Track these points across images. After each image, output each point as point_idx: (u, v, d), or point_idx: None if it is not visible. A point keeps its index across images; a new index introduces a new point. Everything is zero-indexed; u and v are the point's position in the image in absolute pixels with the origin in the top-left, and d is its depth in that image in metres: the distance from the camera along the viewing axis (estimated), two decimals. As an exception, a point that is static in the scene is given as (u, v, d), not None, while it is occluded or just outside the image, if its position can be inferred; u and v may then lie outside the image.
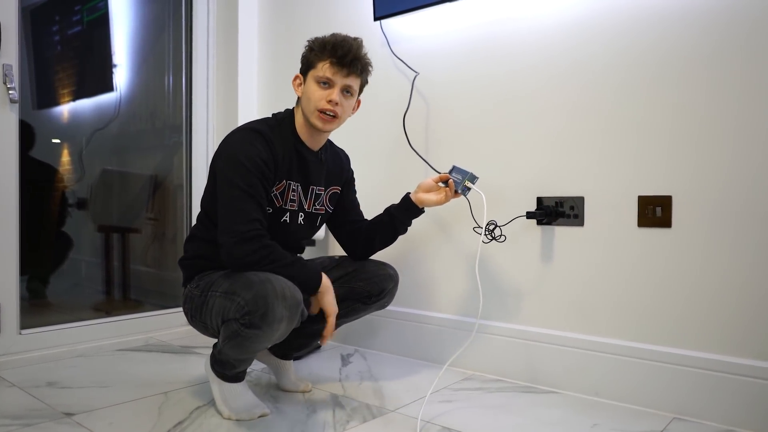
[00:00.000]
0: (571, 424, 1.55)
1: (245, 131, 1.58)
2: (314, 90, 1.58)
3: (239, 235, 1.45)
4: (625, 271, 1.72)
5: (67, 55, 2.84)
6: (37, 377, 1.91)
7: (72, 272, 2.79)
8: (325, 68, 1.56)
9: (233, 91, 2.67)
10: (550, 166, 1.86)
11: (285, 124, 1.65)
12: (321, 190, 1.72)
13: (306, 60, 1.62)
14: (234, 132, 1.60)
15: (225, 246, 1.47)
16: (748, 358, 1.52)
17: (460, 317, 2.06)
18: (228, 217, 1.48)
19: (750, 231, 1.52)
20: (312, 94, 1.58)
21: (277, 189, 1.60)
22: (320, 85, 1.58)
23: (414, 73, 2.15)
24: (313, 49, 1.60)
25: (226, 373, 1.58)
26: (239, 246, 1.45)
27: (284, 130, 1.64)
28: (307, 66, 1.62)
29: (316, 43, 1.60)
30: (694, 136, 1.60)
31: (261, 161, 1.52)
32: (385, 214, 1.81)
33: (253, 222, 1.47)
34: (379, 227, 1.80)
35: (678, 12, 1.62)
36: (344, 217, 1.83)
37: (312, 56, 1.60)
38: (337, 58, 1.55)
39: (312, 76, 1.59)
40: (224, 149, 1.57)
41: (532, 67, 1.89)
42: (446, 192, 1.72)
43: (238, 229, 1.45)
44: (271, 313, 1.36)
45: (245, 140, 1.55)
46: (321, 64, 1.57)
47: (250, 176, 1.49)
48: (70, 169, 2.73)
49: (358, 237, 1.82)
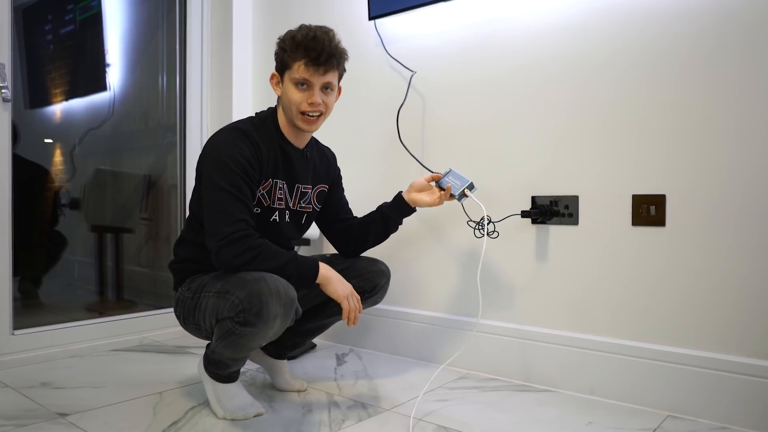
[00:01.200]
0: (566, 423, 1.55)
1: (228, 131, 1.57)
2: (293, 92, 1.55)
3: (225, 237, 1.43)
4: (620, 270, 1.72)
5: (60, 55, 2.82)
6: (31, 378, 1.90)
7: (65, 272, 2.78)
8: (301, 69, 1.53)
9: (227, 91, 2.66)
10: (544, 165, 1.87)
11: (268, 123, 1.64)
12: (308, 188, 1.71)
13: (280, 59, 1.58)
14: (217, 133, 1.59)
15: (213, 249, 1.45)
16: (741, 356, 1.53)
17: (454, 316, 2.07)
18: (213, 219, 1.46)
19: (744, 230, 1.53)
20: (291, 96, 1.56)
21: (263, 188, 1.58)
22: (298, 87, 1.55)
23: (410, 72, 2.15)
24: (286, 50, 1.55)
25: (220, 374, 1.57)
26: (226, 248, 1.43)
27: (268, 129, 1.62)
28: (282, 66, 1.58)
29: (287, 42, 1.55)
30: (688, 136, 1.61)
31: (245, 160, 1.50)
32: (377, 212, 1.81)
33: (238, 222, 1.45)
34: (371, 225, 1.79)
35: (672, 12, 1.62)
36: (334, 216, 1.83)
37: (285, 57, 1.55)
38: (312, 59, 1.51)
39: (288, 77, 1.56)
40: (208, 151, 1.56)
41: (527, 66, 1.90)
42: (441, 194, 1.72)
43: (224, 231, 1.43)
44: (266, 310, 1.36)
45: (228, 140, 1.53)
46: (296, 65, 1.53)
47: (234, 176, 1.48)
48: (62, 168, 2.72)
49: (348, 235, 1.81)
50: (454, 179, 1.72)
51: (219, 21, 2.71)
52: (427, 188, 1.76)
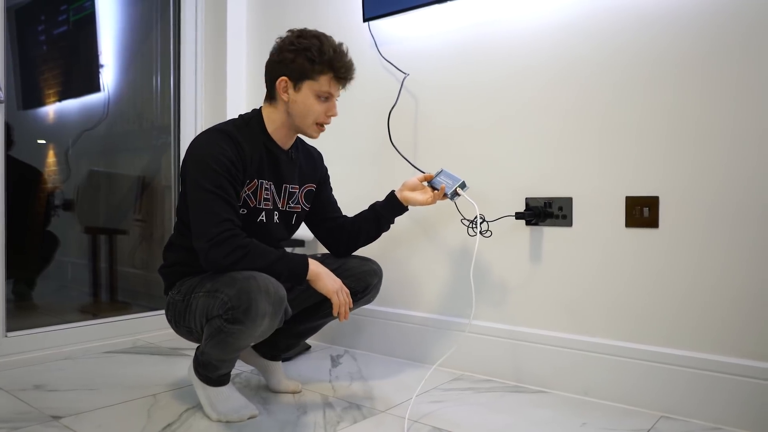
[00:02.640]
0: (560, 423, 1.56)
1: (210, 133, 1.57)
2: (314, 104, 1.58)
3: (213, 237, 1.43)
4: (614, 271, 1.73)
5: (53, 55, 2.81)
6: (24, 380, 1.89)
7: (58, 274, 2.77)
8: (330, 83, 1.58)
9: (222, 92, 2.66)
10: (538, 167, 1.87)
11: (253, 123, 1.63)
12: (295, 188, 1.71)
13: (302, 69, 1.55)
14: (199, 135, 1.59)
15: (201, 251, 1.45)
16: (735, 357, 1.54)
17: (448, 317, 2.07)
18: (199, 221, 1.46)
19: (737, 231, 1.54)
20: (311, 107, 1.58)
21: (248, 188, 1.58)
22: (319, 99, 1.58)
23: (403, 74, 2.16)
24: (313, 60, 1.54)
25: (210, 377, 1.57)
26: (215, 249, 1.43)
27: (252, 129, 1.62)
28: (302, 74, 1.55)
29: (313, 53, 1.53)
30: (681, 138, 1.61)
31: (227, 160, 1.50)
32: (369, 210, 1.82)
33: (224, 223, 1.45)
34: (363, 224, 1.80)
35: (666, 15, 1.63)
36: (323, 215, 1.83)
37: (310, 67, 1.54)
38: (341, 76, 1.58)
39: (310, 87, 1.56)
40: (190, 153, 1.55)
41: (521, 68, 1.91)
42: (434, 194, 1.73)
43: (211, 232, 1.43)
44: (254, 307, 1.36)
45: (210, 141, 1.53)
46: (323, 79, 1.56)
47: (218, 177, 1.47)
48: (56, 170, 2.71)
49: (339, 234, 1.82)
50: (446, 179, 1.73)
51: (213, 22, 2.70)
52: (420, 187, 1.78)
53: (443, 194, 1.72)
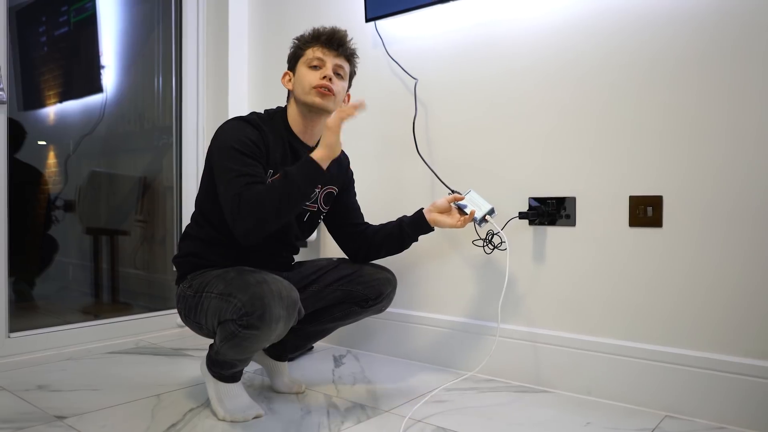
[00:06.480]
0: (564, 423, 1.56)
1: (234, 120, 1.60)
2: (306, 73, 1.61)
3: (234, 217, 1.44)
4: (617, 271, 1.73)
5: (54, 56, 2.81)
6: (27, 380, 1.89)
7: (59, 275, 2.77)
8: (316, 52, 1.61)
9: (223, 93, 2.66)
10: (542, 166, 1.88)
11: (276, 118, 1.66)
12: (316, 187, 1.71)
13: (294, 54, 1.67)
14: (223, 123, 1.61)
15: (237, 234, 1.45)
16: (738, 356, 1.54)
17: (453, 318, 2.07)
18: (227, 204, 1.46)
19: (740, 231, 1.54)
20: (305, 78, 1.61)
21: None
22: (312, 68, 1.61)
23: (413, 79, 2.14)
24: (299, 41, 1.66)
25: (223, 373, 1.57)
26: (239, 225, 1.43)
27: (276, 123, 1.65)
28: (296, 58, 1.66)
29: (302, 37, 1.66)
30: (685, 137, 1.62)
31: (251, 142, 1.52)
32: (396, 227, 1.77)
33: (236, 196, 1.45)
34: (386, 239, 1.78)
35: (666, 14, 1.64)
36: (344, 219, 1.82)
37: (299, 47, 1.65)
38: (325, 42, 1.61)
39: (302, 63, 1.63)
40: (215, 141, 1.57)
41: (523, 68, 1.91)
42: (464, 219, 1.71)
43: (233, 212, 1.44)
44: (269, 313, 1.36)
45: (234, 127, 1.56)
46: (309, 50, 1.62)
47: (244, 158, 1.49)
48: (56, 171, 2.70)
49: (360, 241, 1.80)
50: (475, 201, 1.73)
51: (215, 22, 2.70)
52: (448, 209, 1.74)
53: (471, 219, 1.71)
